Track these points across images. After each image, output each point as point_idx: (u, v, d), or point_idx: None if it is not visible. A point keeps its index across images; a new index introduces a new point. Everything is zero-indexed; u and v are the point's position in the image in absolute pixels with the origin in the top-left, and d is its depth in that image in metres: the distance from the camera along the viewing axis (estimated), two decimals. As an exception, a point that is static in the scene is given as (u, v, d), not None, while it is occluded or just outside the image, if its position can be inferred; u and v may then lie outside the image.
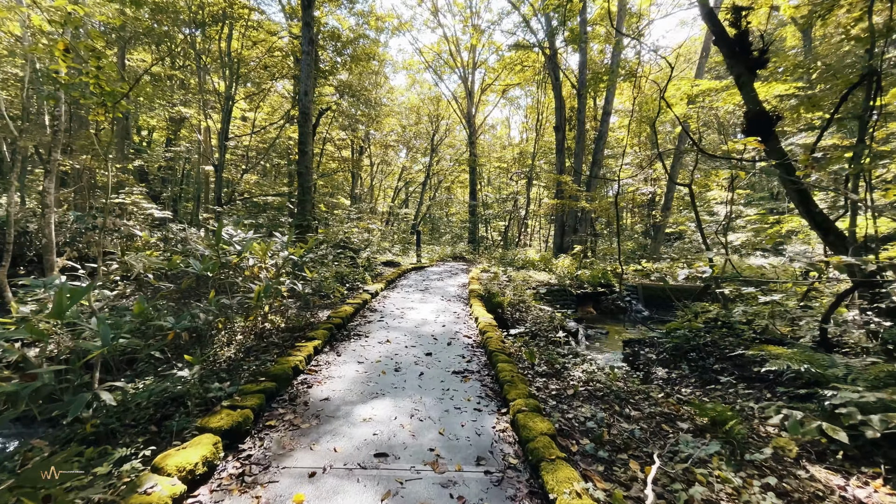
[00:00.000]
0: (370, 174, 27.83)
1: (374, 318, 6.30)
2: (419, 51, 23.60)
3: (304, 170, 9.91)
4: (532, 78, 21.90)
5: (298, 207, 10.04)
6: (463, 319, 6.53)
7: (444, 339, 5.38)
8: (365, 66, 19.37)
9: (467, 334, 5.66)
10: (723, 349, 6.24)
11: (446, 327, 5.99)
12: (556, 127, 16.06)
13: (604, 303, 12.74)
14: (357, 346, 4.92)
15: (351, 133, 22.47)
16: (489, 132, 29.39)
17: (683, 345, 6.44)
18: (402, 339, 5.27)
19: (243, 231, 5.67)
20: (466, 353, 4.87)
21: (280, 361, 3.97)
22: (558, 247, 15.50)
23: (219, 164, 15.82)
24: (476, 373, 4.30)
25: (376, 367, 4.31)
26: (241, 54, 15.93)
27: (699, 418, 3.77)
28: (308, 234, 9.34)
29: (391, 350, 4.85)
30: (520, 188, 23.89)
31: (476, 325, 6.14)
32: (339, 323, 5.53)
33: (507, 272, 12.08)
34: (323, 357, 4.54)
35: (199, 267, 3.99)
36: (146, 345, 3.59)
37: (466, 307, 7.47)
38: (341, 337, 5.24)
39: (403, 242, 20.31)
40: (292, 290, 5.06)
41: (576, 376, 4.54)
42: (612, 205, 12.67)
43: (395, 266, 12.69)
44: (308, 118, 9.89)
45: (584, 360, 5.11)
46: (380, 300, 7.63)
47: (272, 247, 5.14)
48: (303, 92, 9.87)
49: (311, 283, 5.79)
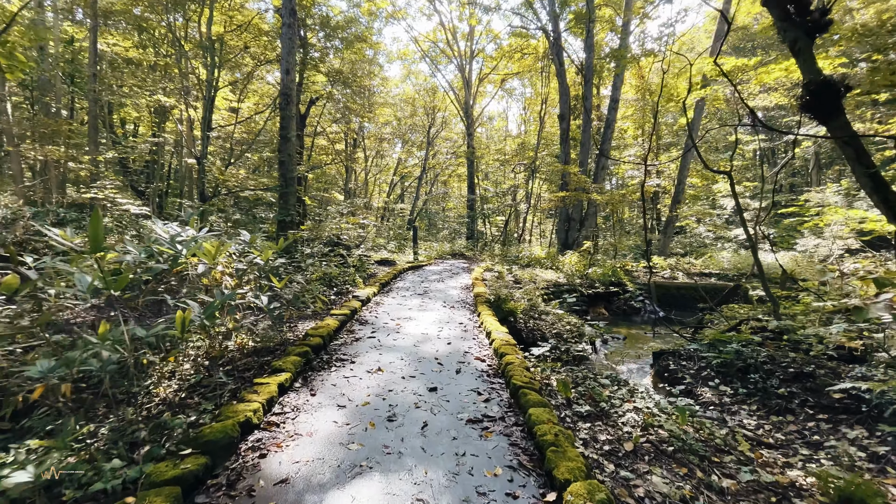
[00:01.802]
0: (365, 168, 26.45)
1: (363, 333, 5.06)
2: (414, 39, 22.17)
3: (286, 158, 8.61)
4: (532, 66, 20.58)
5: (281, 201, 8.75)
6: (471, 333, 5.31)
7: (451, 364, 4.15)
8: (358, 54, 17.96)
9: (479, 355, 4.44)
10: (784, 366, 5.08)
11: (452, 345, 4.77)
12: (560, 115, 14.80)
13: (615, 303, 11.60)
14: (339, 379, 3.68)
15: (344, 125, 21.07)
16: (487, 125, 28.06)
17: (734, 360, 5.27)
18: (397, 365, 4.04)
19: (222, 227, 4.40)
20: (482, 387, 3.65)
21: (225, 413, 2.73)
22: (563, 242, 14.30)
23: (201, 156, 14.45)
24: (499, 420, 3.09)
25: (362, 414, 3.08)
26: (223, 39, 14.49)
27: (821, 494, 2.58)
28: (290, 231, 8.07)
29: (384, 383, 3.62)
30: (520, 182, 22.64)
31: (488, 341, 4.93)
32: (319, 344, 4.29)
33: (511, 271, 10.88)
34: (291, 399, 3.29)
35: (88, 284, 2.71)
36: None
37: (473, 315, 6.25)
38: (320, 364, 3.99)
39: (399, 239, 19.04)
40: (261, 304, 3.80)
41: (629, 418, 3.34)
42: (623, 197, 11.48)
43: (390, 265, 11.44)
44: (290, 100, 8.57)
45: (632, 391, 3.91)
46: (372, 308, 6.39)
47: (229, 248, 3.88)
48: (284, 70, 8.54)
49: (286, 292, 4.53)
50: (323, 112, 19.12)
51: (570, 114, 14.84)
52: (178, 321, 2.70)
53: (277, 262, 4.56)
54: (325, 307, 5.77)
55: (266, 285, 4.06)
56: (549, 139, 20.57)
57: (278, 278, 4.74)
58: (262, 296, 3.74)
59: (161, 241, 3.41)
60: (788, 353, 5.28)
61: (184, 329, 2.74)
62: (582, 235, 13.92)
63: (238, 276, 4.12)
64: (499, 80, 22.89)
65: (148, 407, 3.13)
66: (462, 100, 21.89)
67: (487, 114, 27.91)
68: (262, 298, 3.71)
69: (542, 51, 18.32)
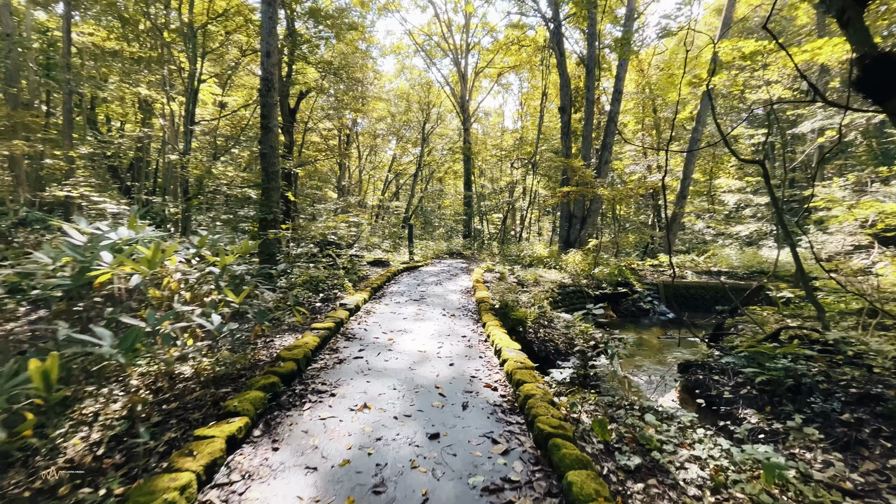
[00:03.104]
0: (359, 166, 25.47)
1: (349, 351, 4.19)
2: (409, 32, 21.18)
3: (268, 150, 7.67)
4: (529, 60, 19.71)
5: (263, 197, 7.82)
6: (477, 349, 4.46)
7: (455, 394, 3.29)
8: (350, 46, 16.98)
9: (489, 381, 3.59)
10: (844, 385, 4.27)
11: (455, 366, 3.90)
12: (560, 108, 13.94)
13: (623, 304, 10.80)
14: (313, 422, 2.81)
15: (337, 121, 20.08)
16: (483, 121, 27.16)
17: (783, 378, 4.46)
18: (389, 398, 3.18)
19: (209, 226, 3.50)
20: (497, 430, 2.80)
21: (136, 498, 1.85)
22: (564, 240, 13.48)
23: (184, 151, 13.45)
24: (526, 488, 2.23)
25: (339, 481, 2.21)
26: (206, 28, 13.47)
27: None
28: (270, 231, 7.15)
29: (371, 427, 2.75)
30: (518, 178, 21.78)
31: (498, 360, 4.07)
32: (292, 371, 3.41)
33: (514, 271, 10.04)
34: (245, 457, 2.41)
35: None
36: None
37: (477, 325, 5.39)
38: (290, 400, 3.11)
39: (394, 237, 18.12)
40: (209, 326, 2.91)
41: (692, 474, 2.50)
42: (630, 192, 10.65)
43: (383, 266, 10.54)
44: (272, 86, 7.63)
45: (684, 427, 3.07)
46: (361, 318, 5.51)
47: (172, 254, 2.98)
48: (264, 53, 7.60)
49: (253, 304, 3.64)
50: (314, 106, 18.12)
51: (571, 106, 13.99)
52: (35, 374, 1.79)
53: (240, 268, 3.66)
54: (304, 321, 4.87)
55: (221, 300, 3.17)
56: (547, 134, 19.72)
57: (245, 286, 3.84)
58: (215, 314, 2.85)
59: (82, 248, 2.51)
60: (844, 368, 4.48)
61: (48, 387, 1.84)
62: (584, 233, 13.11)
63: (189, 287, 3.23)
64: (495, 75, 21.99)
65: (45, 473, 2.25)
66: (458, 94, 20.97)
67: (483, 109, 27.01)
68: (213, 318, 2.81)
69: (542, 42, 17.46)
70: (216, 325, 2.78)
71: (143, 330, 2.34)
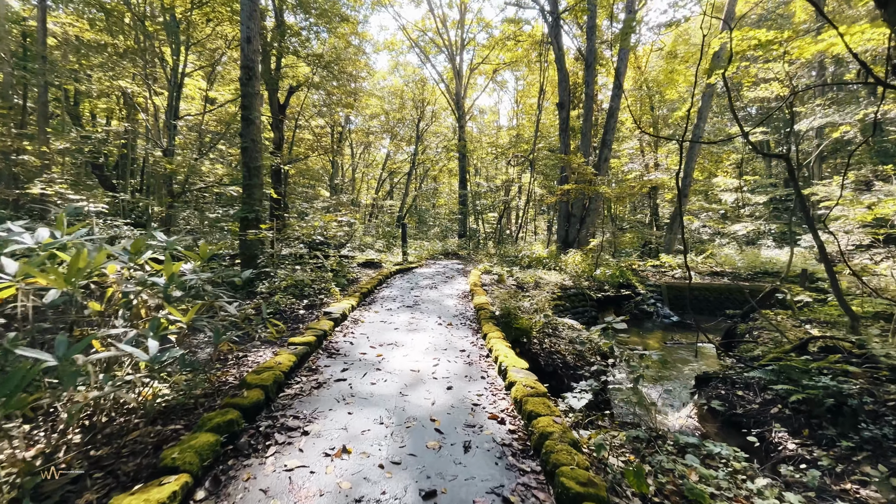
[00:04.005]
0: (352, 164, 24.76)
1: (330, 372, 3.57)
2: (403, 28, 20.49)
3: (249, 144, 7.01)
4: (525, 56, 19.13)
5: (245, 194, 7.16)
6: (478, 366, 3.86)
7: (455, 430, 2.69)
8: (342, 40, 16.28)
9: (495, 410, 2.99)
10: (894, 406, 3.75)
11: (454, 390, 3.30)
12: (559, 103, 13.38)
13: (625, 307, 10.27)
14: (275, 476, 2.19)
15: (329, 117, 19.37)
16: (477, 119, 26.55)
17: (822, 397, 3.91)
18: (374, 436, 2.57)
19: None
20: (508, 482, 2.20)
21: None
22: (563, 240, 12.93)
23: (167, 147, 12.72)
24: (553, 582, 1.63)
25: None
26: (189, 15, 12.72)
27: None
28: (250, 231, 6.50)
29: (348, 482, 2.14)
30: (514, 176, 21.21)
31: (503, 381, 3.48)
32: (257, 402, 2.78)
33: (512, 273, 9.46)
34: (176, 535, 1.80)
35: None
36: None
37: (476, 336, 4.80)
38: (252, 442, 2.48)
39: (388, 237, 17.47)
40: (141, 357, 2.29)
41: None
42: (632, 190, 10.11)
43: (375, 268, 9.91)
44: (253, 74, 6.97)
45: (734, 473, 2.50)
46: (347, 329, 4.88)
47: (100, 260, 2.35)
48: (244, 38, 6.92)
49: (209, 323, 3.01)
50: (305, 102, 17.39)
51: (569, 102, 13.44)
52: None
53: (203, 275, 3.03)
54: (280, 335, 4.24)
55: (163, 319, 2.54)
56: (545, 131, 19.17)
57: (207, 297, 3.20)
58: (152, 339, 2.23)
59: None
60: (890, 386, 3.96)
61: None
62: (584, 233, 12.57)
63: (126, 304, 2.60)
64: (490, 71, 21.39)
65: None
66: (453, 91, 20.35)
67: (478, 107, 26.42)
68: (149, 344, 2.19)
69: (538, 37, 16.89)
70: (151, 353, 2.15)
71: (37, 367, 1.72)
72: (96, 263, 2.36)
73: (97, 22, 13.68)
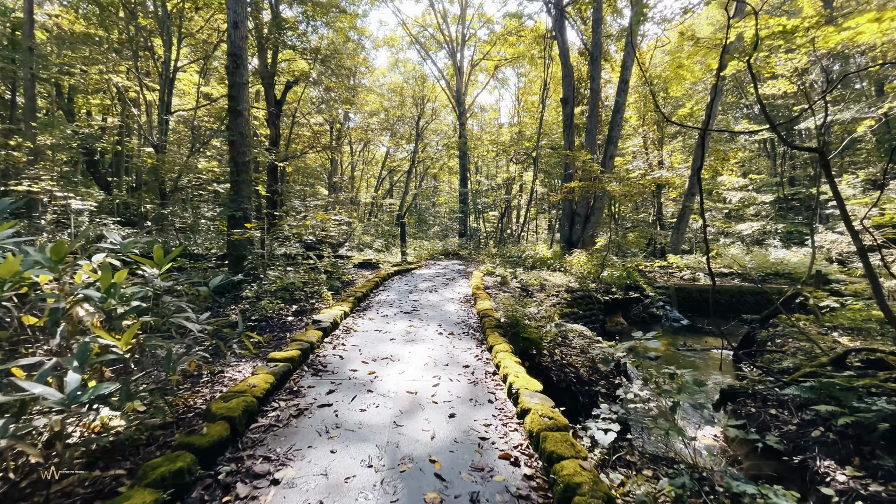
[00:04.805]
0: (351, 162, 24.21)
1: (314, 394, 3.06)
2: (403, 23, 19.92)
3: (237, 137, 6.49)
4: (527, 52, 18.58)
5: (232, 191, 6.65)
6: (484, 386, 3.35)
7: (459, 478, 2.19)
8: (340, 34, 15.73)
9: (506, 448, 2.48)
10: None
11: (458, 419, 2.79)
12: (563, 99, 12.85)
13: (633, 309, 9.77)
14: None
15: (327, 114, 18.82)
16: (478, 116, 25.99)
17: (874, 422, 3.41)
18: (359, 486, 2.06)
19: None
20: (529, 559, 1.69)
21: None
22: (567, 240, 12.42)
23: (159, 144, 12.19)
24: None
25: None
26: (181, 5, 12.18)
27: None
28: (235, 231, 5.99)
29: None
30: (516, 174, 20.67)
31: (515, 408, 2.96)
32: (220, 440, 2.27)
33: (516, 274, 8.96)
34: None
35: None
36: None
37: (481, 349, 4.29)
38: (206, 497, 1.98)
39: (388, 236, 16.95)
40: (50, 397, 1.79)
41: None
42: (643, 187, 9.60)
43: (372, 268, 9.40)
44: (240, 62, 6.44)
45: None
46: (338, 340, 4.37)
47: (14, 267, 1.84)
48: (231, 24, 6.40)
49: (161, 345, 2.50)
50: (303, 98, 16.84)
51: (574, 97, 12.91)
52: None
53: (165, 283, 2.52)
54: (259, 351, 3.73)
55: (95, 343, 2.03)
56: (547, 129, 18.63)
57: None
58: (73, 373, 1.72)
59: None
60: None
61: None
62: (589, 232, 12.06)
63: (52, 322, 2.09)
64: (492, 68, 20.84)
65: None
66: (453, 88, 19.80)
67: (479, 105, 25.85)
68: (69, 378, 1.68)
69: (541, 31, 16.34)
70: (69, 390, 1.64)
71: None
72: (11, 270, 1.84)
73: (92, 17, 13.15)
